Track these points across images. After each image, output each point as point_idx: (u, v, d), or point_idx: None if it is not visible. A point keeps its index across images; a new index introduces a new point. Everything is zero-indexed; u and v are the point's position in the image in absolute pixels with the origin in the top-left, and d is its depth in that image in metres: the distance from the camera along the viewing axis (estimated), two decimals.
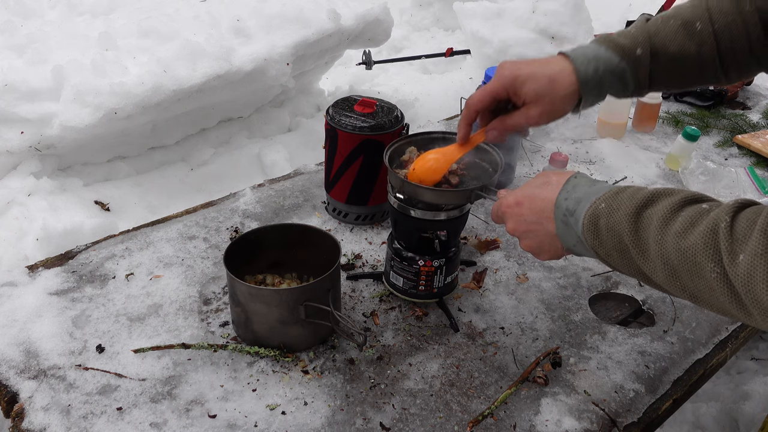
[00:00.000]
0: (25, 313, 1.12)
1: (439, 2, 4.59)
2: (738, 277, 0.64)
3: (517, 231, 0.91)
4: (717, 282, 0.67)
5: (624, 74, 0.95)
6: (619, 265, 0.80)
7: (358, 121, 1.30)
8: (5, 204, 2.31)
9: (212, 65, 2.50)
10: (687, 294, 0.73)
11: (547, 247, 0.89)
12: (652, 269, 0.74)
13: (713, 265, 0.67)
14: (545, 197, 0.87)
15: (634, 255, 0.76)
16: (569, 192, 0.84)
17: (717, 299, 0.69)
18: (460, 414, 0.99)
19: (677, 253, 0.70)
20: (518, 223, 0.90)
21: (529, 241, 0.90)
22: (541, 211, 0.87)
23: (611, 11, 4.45)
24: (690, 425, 1.84)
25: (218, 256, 1.29)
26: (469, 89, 3.32)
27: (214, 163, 2.85)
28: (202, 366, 1.04)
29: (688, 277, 0.70)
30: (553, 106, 0.96)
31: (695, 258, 0.68)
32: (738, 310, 0.67)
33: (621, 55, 0.95)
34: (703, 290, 0.70)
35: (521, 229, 0.90)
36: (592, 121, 1.92)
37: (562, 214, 0.83)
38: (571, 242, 0.84)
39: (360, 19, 3.05)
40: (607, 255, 0.80)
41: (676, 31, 0.95)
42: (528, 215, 0.89)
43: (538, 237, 0.89)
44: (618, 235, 0.76)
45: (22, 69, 2.48)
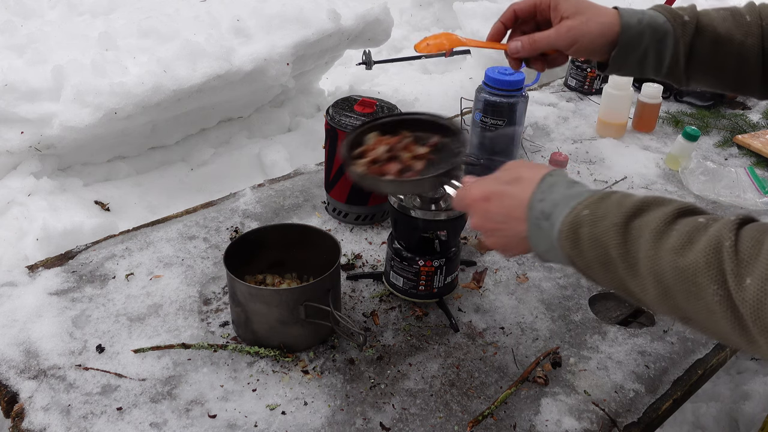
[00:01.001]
0: (25, 313, 1.12)
1: (439, 2, 4.59)
2: (746, 302, 0.59)
3: (483, 228, 0.84)
4: (719, 305, 0.61)
5: (666, 38, 0.91)
6: (599, 278, 0.72)
7: (358, 121, 1.30)
8: (5, 204, 2.31)
9: (212, 65, 2.50)
10: (678, 314, 0.66)
11: (514, 248, 0.83)
12: (641, 286, 0.68)
13: (716, 288, 0.61)
14: (517, 195, 0.79)
15: (621, 269, 0.69)
16: (545, 192, 0.77)
17: (716, 323, 0.63)
18: (460, 414, 0.99)
19: (674, 272, 0.64)
20: (484, 220, 0.83)
21: (496, 240, 0.83)
22: (512, 210, 0.79)
23: None
24: (690, 425, 1.84)
25: (218, 256, 1.29)
26: (469, 89, 3.32)
27: (214, 163, 2.85)
28: (202, 366, 1.04)
29: (684, 297, 0.64)
30: (587, 28, 0.90)
31: (695, 278, 0.62)
32: (739, 336, 0.61)
33: (667, 16, 0.91)
34: (700, 313, 0.64)
35: (488, 226, 0.83)
36: (592, 121, 1.92)
37: (535, 217, 0.76)
38: (542, 247, 0.77)
39: (360, 19, 3.05)
40: (587, 267, 0.72)
41: (725, 16, 0.92)
42: (496, 213, 0.81)
43: (506, 237, 0.82)
44: (603, 246, 0.69)
45: (22, 69, 2.48)
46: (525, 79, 1.48)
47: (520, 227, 0.78)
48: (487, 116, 1.48)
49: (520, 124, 1.52)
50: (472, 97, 1.54)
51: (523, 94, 1.48)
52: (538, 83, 2.17)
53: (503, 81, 1.45)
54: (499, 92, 1.46)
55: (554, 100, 2.06)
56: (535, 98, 2.03)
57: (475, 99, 1.52)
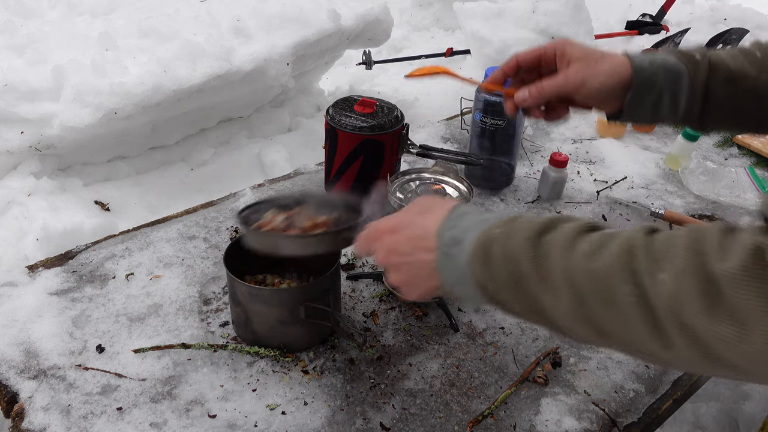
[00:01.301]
0: (25, 313, 1.12)
1: (439, 2, 4.60)
2: (661, 297, 0.56)
3: (388, 262, 0.78)
4: (633, 308, 0.58)
5: (680, 78, 0.87)
6: (511, 301, 0.68)
7: (358, 121, 1.30)
8: (5, 204, 2.31)
9: (212, 65, 2.50)
10: (592, 328, 0.62)
11: (420, 283, 0.76)
12: (554, 299, 0.63)
13: (630, 288, 0.58)
14: (425, 225, 0.75)
15: (533, 283, 0.65)
16: (455, 220, 0.73)
17: (631, 330, 0.59)
18: (460, 414, 0.99)
19: (587, 277, 0.61)
20: (390, 253, 0.77)
21: (400, 275, 0.77)
22: (420, 241, 0.74)
23: (611, 11, 4.45)
24: (690, 425, 1.84)
25: (218, 256, 1.29)
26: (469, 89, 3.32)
27: (214, 163, 2.86)
28: (202, 366, 1.04)
29: (598, 305, 0.60)
30: (597, 69, 0.86)
31: (608, 281, 0.59)
32: (656, 340, 0.58)
33: (679, 57, 0.88)
34: (614, 321, 0.60)
35: (393, 260, 0.77)
36: (592, 121, 1.92)
37: (445, 245, 0.72)
38: (451, 278, 0.72)
39: (360, 19, 3.05)
40: (498, 290, 0.68)
41: (735, 54, 0.90)
42: (403, 244, 0.76)
43: (412, 271, 0.76)
44: (515, 261, 0.66)
45: (22, 69, 2.48)
46: None
47: (429, 257, 0.73)
48: (487, 116, 1.48)
49: (519, 124, 1.52)
50: (472, 97, 1.54)
51: None
52: None
53: None
54: (499, 92, 1.46)
55: None
56: None
57: (475, 99, 1.52)
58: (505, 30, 3.33)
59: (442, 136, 1.80)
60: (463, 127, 1.80)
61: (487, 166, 1.53)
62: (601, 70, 0.87)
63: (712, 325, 0.54)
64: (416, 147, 1.38)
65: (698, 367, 0.59)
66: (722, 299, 0.54)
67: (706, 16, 3.25)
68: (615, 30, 4.02)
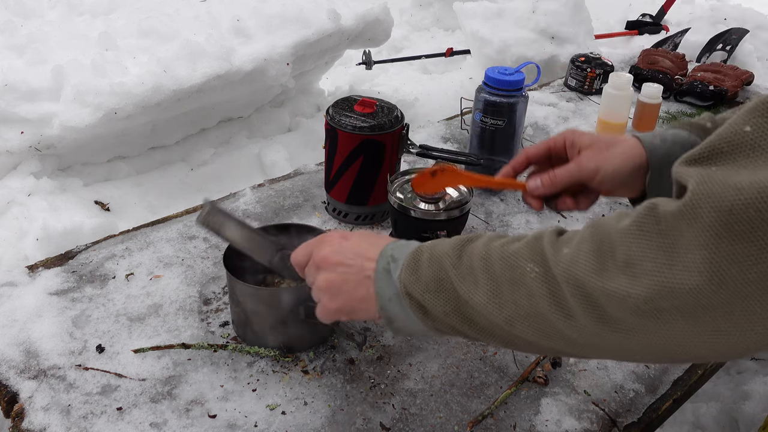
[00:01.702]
0: (25, 313, 1.12)
1: (439, 2, 4.59)
2: (560, 264, 0.60)
3: (327, 261, 0.78)
4: (537, 283, 0.62)
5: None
6: (433, 304, 0.69)
7: (358, 121, 1.30)
8: (5, 204, 2.31)
9: (212, 65, 2.50)
10: (504, 315, 0.64)
11: (349, 290, 0.77)
12: (473, 288, 0.66)
13: (533, 266, 0.62)
14: (375, 242, 0.79)
15: (454, 279, 0.68)
16: (399, 244, 0.77)
17: (536, 307, 0.62)
18: (460, 414, 0.99)
19: (500, 261, 0.65)
20: (333, 253, 0.79)
21: (334, 276, 0.78)
22: (366, 250, 0.77)
23: (611, 11, 4.45)
24: (690, 425, 1.84)
25: (218, 256, 1.29)
26: (469, 89, 3.32)
27: (214, 163, 2.86)
28: (202, 366, 1.04)
29: (509, 287, 0.64)
30: (610, 154, 0.86)
31: (517, 261, 0.64)
32: (557, 311, 0.60)
33: (689, 129, 0.88)
34: (522, 301, 0.63)
35: (333, 259, 0.78)
36: (592, 121, 1.92)
37: (386, 261, 0.74)
38: (386, 294, 0.73)
39: (360, 19, 3.05)
40: (423, 292, 0.70)
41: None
42: (349, 249, 0.78)
43: (346, 275, 0.77)
44: (439, 261, 0.70)
45: (22, 69, 2.48)
46: (525, 79, 1.48)
47: (368, 265, 0.76)
48: (487, 116, 1.48)
49: (520, 125, 1.52)
50: (472, 97, 1.54)
51: (523, 94, 1.48)
52: (538, 83, 2.17)
53: (503, 81, 1.45)
54: (499, 92, 1.46)
55: (554, 100, 2.06)
56: (535, 98, 2.03)
57: (475, 99, 1.52)
58: (505, 30, 3.33)
59: (442, 136, 1.80)
60: (463, 127, 1.80)
61: (487, 166, 1.53)
62: (615, 154, 0.86)
63: (604, 281, 0.56)
64: (416, 147, 1.38)
65: (597, 336, 0.59)
66: (615, 255, 0.56)
67: (706, 16, 3.25)
68: (615, 30, 4.02)
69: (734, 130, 0.53)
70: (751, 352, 0.55)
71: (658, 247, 0.54)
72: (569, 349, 0.64)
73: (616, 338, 0.58)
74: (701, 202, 0.52)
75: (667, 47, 2.82)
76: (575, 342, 0.62)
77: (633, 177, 0.87)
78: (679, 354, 0.57)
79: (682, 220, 0.53)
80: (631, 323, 0.56)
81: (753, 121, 0.52)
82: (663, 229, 0.54)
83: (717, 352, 0.55)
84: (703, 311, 0.52)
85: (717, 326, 0.52)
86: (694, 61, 2.59)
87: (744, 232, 0.50)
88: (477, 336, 0.69)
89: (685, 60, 2.25)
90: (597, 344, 0.61)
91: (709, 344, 0.54)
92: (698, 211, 0.52)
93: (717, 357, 0.56)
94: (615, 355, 0.64)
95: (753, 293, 0.50)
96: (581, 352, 0.64)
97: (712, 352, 0.55)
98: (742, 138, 0.52)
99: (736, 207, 0.50)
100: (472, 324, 0.68)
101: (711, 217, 0.51)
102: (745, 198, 0.49)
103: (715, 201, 0.51)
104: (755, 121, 0.52)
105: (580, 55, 2.14)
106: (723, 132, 0.54)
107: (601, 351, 0.62)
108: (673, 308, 0.53)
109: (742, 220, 0.50)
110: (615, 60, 2.33)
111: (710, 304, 0.52)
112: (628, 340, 0.58)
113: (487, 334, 0.68)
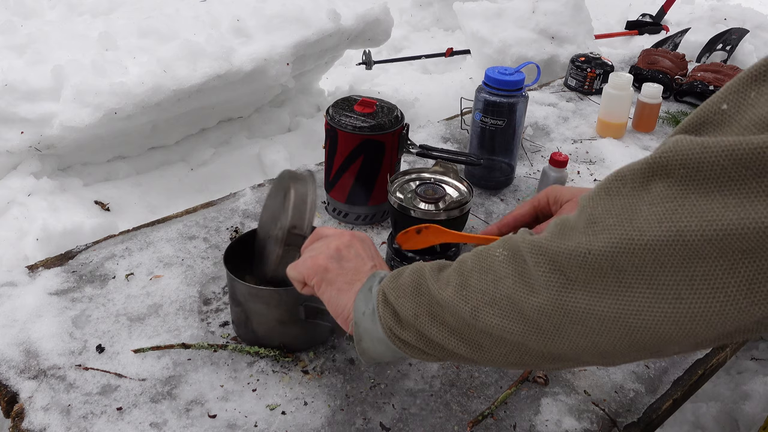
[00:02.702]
0: (25, 313, 1.12)
1: (439, 2, 4.60)
2: (526, 239, 0.61)
3: (329, 247, 0.83)
4: (503, 264, 0.62)
5: None
6: (406, 306, 0.70)
7: (358, 121, 1.30)
8: (5, 204, 2.31)
9: (212, 65, 2.50)
10: (469, 306, 0.64)
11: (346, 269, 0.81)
12: (443, 287, 0.67)
13: (501, 250, 0.63)
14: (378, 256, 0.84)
15: (430, 281, 0.69)
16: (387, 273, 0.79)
17: (500, 289, 0.62)
18: (460, 414, 0.99)
19: (473, 256, 0.67)
20: (339, 242, 0.83)
21: (345, 250, 0.82)
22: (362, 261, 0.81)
23: (611, 11, 4.45)
24: (690, 425, 1.84)
25: (218, 256, 1.29)
26: (469, 89, 3.33)
27: (214, 163, 2.86)
28: (202, 366, 1.04)
29: (478, 276, 0.64)
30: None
31: (488, 251, 0.65)
32: (521, 285, 0.60)
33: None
34: (487, 287, 0.63)
35: (334, 245, 0.82)
36: (592, 121, 1.92)
37: (371, 284, 0.77)
38: (362, 308, 0.75)
39: (360, 19, 3.05)
40: (398, 296, 0.71)
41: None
42: (355, 247, 0.83)
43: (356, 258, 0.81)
44: (420, 271, 0.72)
45: (22, 69, 2.49)
46: (525, 79, 1.48)
47: (364, 267, 0.80)
48: (487, 116, 1.48)
49: (520, 125, 1.52)
50: (472, 97, 1.54)
51: (523, 94, 1.48)
52: (538, 83, 2.17)
53: (503, 81, 1.45)
54: (499, 92, 1.46)
55: (554, 100, 2.06)
56: (535, 98, 2.03)
57: (475, 99, 1.52)
58: (505, 30, 3.33)
59: (442, 136, 1.80)
60: (463, 127, 1.80)
61: (487, 166, 1.53)
62: None
63: (565, 241, 0.57)
64: (416, 147, 1.38)
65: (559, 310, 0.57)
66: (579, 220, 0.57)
67: (706, 16, 3.25)
68: (615, 30, 4.03)
69: (712, 108, 0.53)
70: (717, 331, 0.52)
71: (621, 205, 0.54)
72: (532, 340, 0.61)
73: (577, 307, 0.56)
74: (670, 157, 0.52)
75: (667, 47, 2.82)
76: (539, 326, 0.60)
77: None
78: (643, 331, 0.54)
79: (650, 176, 0.53)
80: (593, 286, 0.55)
81: (729, 98, 0.52)
82: (629, 190, 0.54)
83: (681, 327, 0.52)
84: (662, 270, 0.51)
85: (678, 292, 0.51)
86: (694, 61, 2.59)
87: (709, 188, 0.49)
88: (441, 339, 0.68)
89: (685, 60, 2.25)
90: (558, 324, 0.58)
91: (672, 315, 0.52)
92: (666, 166, 0.52)
93: (682, 335, 0.53)
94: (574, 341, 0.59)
95: (712, 253, 0.49)
96: (544, 342, 0.60)
97: (676, 327, 0.52)
98: (719, 117, 0.52)
99: (704, 163, 0.49)
100: (441, 323, 0.68)
101: (679, 172, 0.51)
102: (712, 154, 0.49)
103: (684, 156, 0.51)
104: (731, 98, 0.52)
105: (580, 55, 2.14)
106: (701, 109, 0.54)
107: (561, 334, 0.59)
108: (632, 267, 0.52)
109: (708, 177, 0.49)
110: (615, 60, 2.33)
111: (669, 262, 0.51)
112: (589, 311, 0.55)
113: (450, 333, 0.68)
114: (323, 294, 0.82)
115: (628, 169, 0.55)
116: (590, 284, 0.55)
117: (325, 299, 0.82)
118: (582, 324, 0.57)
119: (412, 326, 0.70)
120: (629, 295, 0.53)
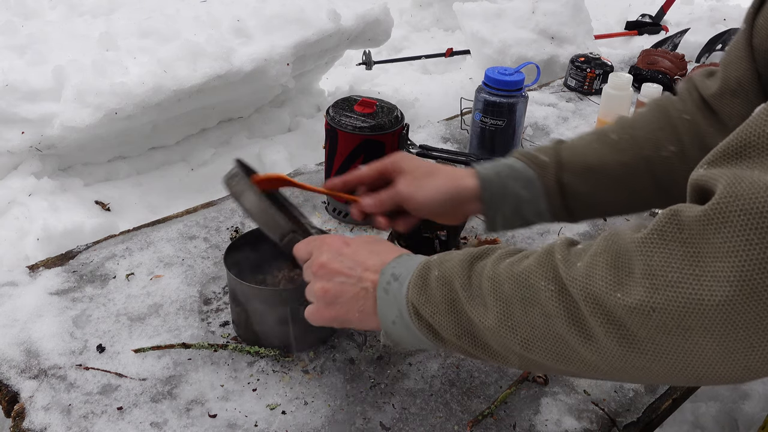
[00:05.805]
0: (25, 312, 1.12)
1: (439, 2, 4.60)
2: (576, 280, 0.56)
3: (326, 268, 0.76)
4: (552, 301, 0.57)
5: (531, 183, 0.88)
6: (444, 325, 0.67)
7: (358, 121, 1.30)
8: (6, 204, 2.31)
9: (212, 65, 2.51)
10: (518, 337, 0.61)
11: (344, 302, 0.75)
12: (483, 312, 0.63)
13: (546, 283, 0.58)
14: (376, 250, 0.76)
15: (464, 300, 0.64)
16: (399, 261, 0.74)
17: (552, 327, 0.58)
18: (460, 414, 0.99)
19: (510, 281, 0.61)
20: (333, 261, 0.75)
21: (331, 286, 0.75)
22: (364, 260, 0.75)
23: (611, 11, 4.45)
24: (690, 425, 1.84)
25: (218, 256, 1.29)
26: (469, 89, 3.33)
27: (215, 163, 2.86)
28: (202, 366, 1.04)
29: (521, 307, 0.60)
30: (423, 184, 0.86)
31: (529, 280, 0.60)
32: (575, 333, 0.56)
33: (526, 162, 0.88)
34: (537, 322, 0.59)
35: (332, 267, 0.75)
36: (592, 121, 1.92)
37: (386, 281, 0.72)
38: (389, 317, 0.71)
39: (360, 19, 3.06)
40: (432, 313, 0.67)
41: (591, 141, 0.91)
42: (348, 258, 0.75)
43: (345, 285, 0.74)
44: (449, 282, 0.66)
45: (22, 69, 2.49)
46: (525, 79, 1.48)
47: (367, 275, 0.73)
48: (486, 116, 1.49)
49: (519, 125, 1.52)
50: (472, 97, 1.55)
51: (523, 94, 1.48)
52: (538, 83, 2.17)
53: (503, 81, 1.45)
54: (499, 92, 1.46)
55: (554, 101, 2.06)
56: (534, 98, 2.03)
57: (475, 99, 1.52)
58: (505, 30, 3.33)
59: (442, 136, 1.80)
60: (463, 127, 1.80)
61: None
62: (429, 185, 0.87)
63: (624, 296, 0.52)
64: (416, 147, 1.38)
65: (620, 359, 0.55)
66: (633, 268, 0.52)
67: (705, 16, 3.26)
68: (615, 30, 4.03)
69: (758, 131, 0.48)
70: None
71: (682, 256, 0.49)
72: (589, 374, 0.60)
73: (640, 360, 0.54)
74: (729, 204, 0.47)
75: (666, 47, 2.82)
76: (597, 368, 0.58)
77: (451, 207, 0.88)
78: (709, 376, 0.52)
79: (709, 226, 0.48)
80: (658, 342, 0.52)
81: None
82: (687, 237, 0.50)
83: (750, 371, 0.50)
84: (734, 328, 0.48)
85: (750, 343, 0.48)
86: (693, 61, 2.59)
87: None
88: (492, 360, 0.66)
89: (685, 60, 2.25)
90: (620, 368, 0.56)
91: (742, 364, 0.49)
92: (726, 215, 0.47)
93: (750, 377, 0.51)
94: (637, 379, 0.58)
95: None
96: (602, 377, 0.60)
97: (745, 372, 0.50)
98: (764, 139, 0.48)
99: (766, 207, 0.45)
100: (486, 348, 0.65)
101: (740, 220, 0.46)
102: None
103: (744, 202, 0.46)
104: None
105: (579, 55, 2.14)
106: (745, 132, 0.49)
107: (624, 374, 0.57)
108: (701, 327, 0.49)
109: None
110: (615, 60, 2.33)
111: (742, 319, 0.47)
112: (654, 362, 0.53)
113: (501, 359, 0.65)
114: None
115: (686, 215, 0.50)
116: (654, 341, 0.52)
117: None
118: (645, 371, 0.55)
119: (456, 345, 0.68)
120: (697, 351, 0.51)
